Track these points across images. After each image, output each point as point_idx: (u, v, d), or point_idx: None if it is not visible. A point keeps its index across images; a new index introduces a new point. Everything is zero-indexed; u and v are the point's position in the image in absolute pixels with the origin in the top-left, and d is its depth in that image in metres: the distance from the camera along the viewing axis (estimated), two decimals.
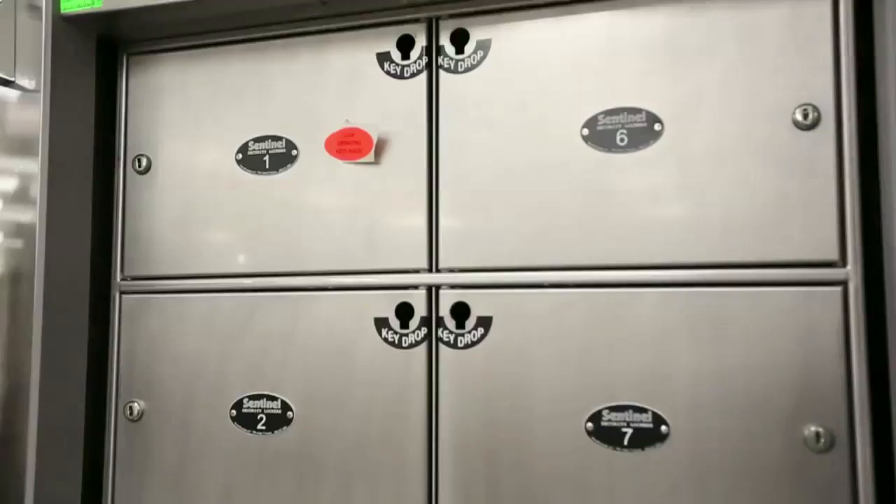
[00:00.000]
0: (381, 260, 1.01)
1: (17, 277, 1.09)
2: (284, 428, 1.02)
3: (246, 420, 1.03)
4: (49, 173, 1.07)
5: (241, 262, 1.06)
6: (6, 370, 1.08)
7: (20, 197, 1.08)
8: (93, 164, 1.12)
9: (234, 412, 1.04)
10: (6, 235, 1.10)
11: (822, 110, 0.87)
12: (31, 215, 1.07)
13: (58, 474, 1.07)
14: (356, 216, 1.02)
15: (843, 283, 0.85)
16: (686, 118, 0.91)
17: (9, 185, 1.10)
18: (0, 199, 1.10)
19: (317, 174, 1.04)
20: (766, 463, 0.85)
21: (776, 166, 0.88)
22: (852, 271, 0.85)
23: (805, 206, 0.86)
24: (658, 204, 0.91)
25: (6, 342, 1.09)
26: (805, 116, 0.87)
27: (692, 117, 0.91)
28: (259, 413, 1.03)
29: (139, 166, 1.12)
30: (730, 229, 0.89)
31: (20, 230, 1.09)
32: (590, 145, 0.94)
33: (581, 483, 0.91)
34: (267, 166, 1.06)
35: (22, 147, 1.09)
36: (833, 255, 0.85)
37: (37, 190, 1.06)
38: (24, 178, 1.08)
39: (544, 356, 0.94)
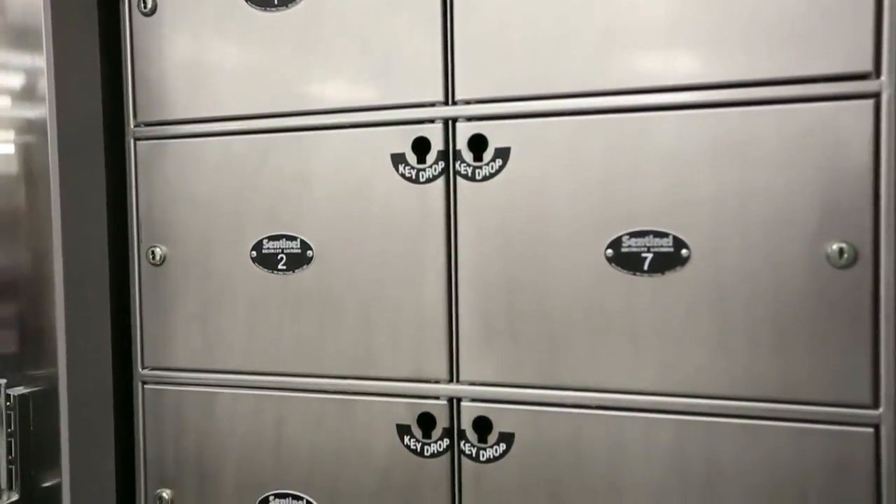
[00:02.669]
0: (395, 94, 0.98)
1: (30, 147, 1.08)
2: (304, 267, 1.03)
3: (266, 260, 1.04)
4: (53, 19, 1.04)
5: (253, 103, 1.04)
6: (30, 229, 1.09)
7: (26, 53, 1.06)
8: (97, 7, 1.08)
9: (254, 253, 1.05)
10: (15, 97, 1.08)
11: None
12: (39, 64, 1.06)
13: (87, 321, 1.10)
14: (369, 49, 0.99)
15: (876, 96, 0.82)
16: None
17: (11, 38, 1.07)
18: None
19: (325, 4, 1.00)
20: (787, 281, 0.85)
21: None
22: (886, 82, 0.81)
23: (838, 13, 0.82)
24: (679, 20, 0.87)
25: (28, 203, 1.09)
26: None
27: None
28: (279, 253, 1.04)
29: (144, 7, 1.08)
30: (755, 44, 0.85)
31: (30, 88, 1.08)
32: None
33: (601, 310, 0.92)
34: (276, 1, 1.02)
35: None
36: (867, 65, 0.82)
37: (41, 40, 1.04)
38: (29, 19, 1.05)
39: (563, 185, 0.92)
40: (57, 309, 1.07)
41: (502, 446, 0.96)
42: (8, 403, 1.02)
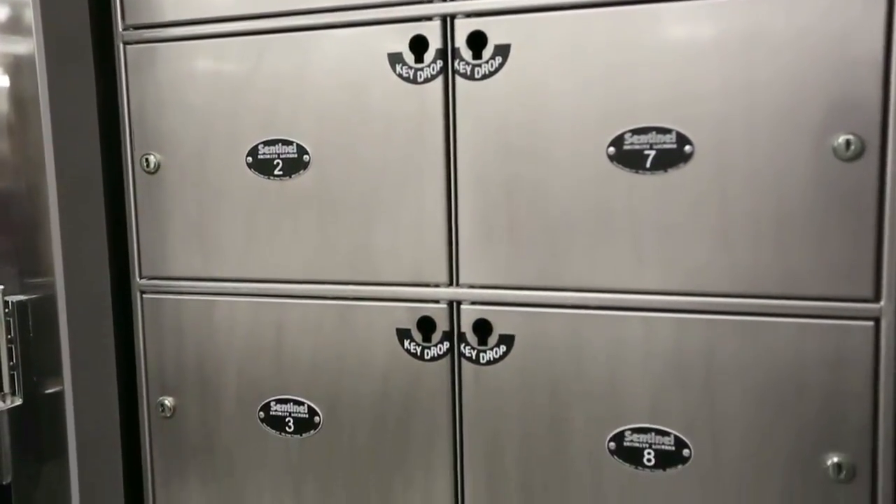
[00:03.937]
0: None
1: (20, 59, 1.05)
2: (301, 172, 1.01)
3: (262, 166, 1.03)
4: None
5: (246, 2, 1.01)
6: (23, 139, 1.07)
7: None
8: None
9: (250, 159, 1.03)
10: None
11: None
12: None
13: (82, 230, 1.08)
14: None
15: None
16: None
17: None
18: None
19: None
20: (792, 176, 0.84)
21: None
22: None
23: None
24: None
25: (18, 114, 1.07)
26: None
27: None
28: (275, 158, 1.02)
29: None
30: None
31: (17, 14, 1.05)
32: None
33: (602, 209, 0.90)
34: None
35: None
36: None
37: None
38: None
39: (565, 82, 0.90)
40: (51, 218, 1.06)
41: (502, 348, 0.96)
42: (7, 310, 1.02)
